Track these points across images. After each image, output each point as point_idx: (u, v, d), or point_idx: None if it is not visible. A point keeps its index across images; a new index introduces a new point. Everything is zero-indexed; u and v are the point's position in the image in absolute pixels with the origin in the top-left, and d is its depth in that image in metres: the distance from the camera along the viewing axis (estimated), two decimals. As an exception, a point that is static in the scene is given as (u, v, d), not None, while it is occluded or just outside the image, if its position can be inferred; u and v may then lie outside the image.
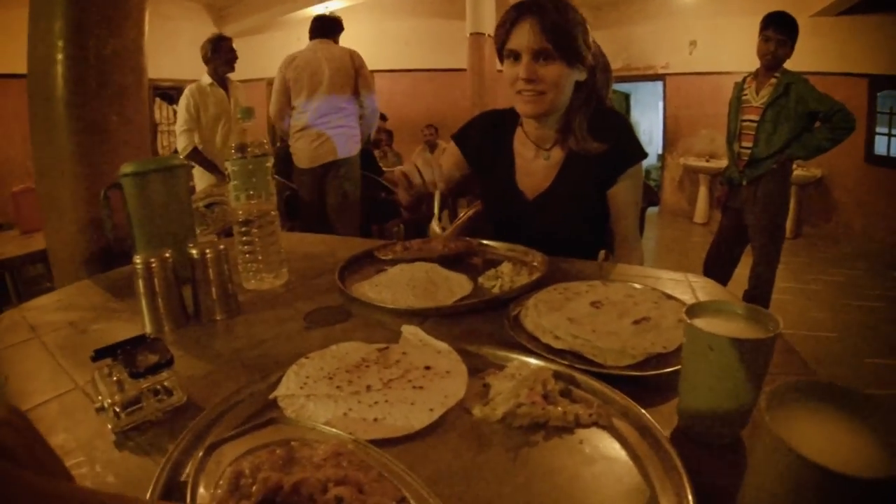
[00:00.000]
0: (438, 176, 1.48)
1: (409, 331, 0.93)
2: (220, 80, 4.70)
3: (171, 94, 8.85)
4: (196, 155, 4.56)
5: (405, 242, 1.55)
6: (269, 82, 10.45)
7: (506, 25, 1.58)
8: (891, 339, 4.06)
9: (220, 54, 4.64)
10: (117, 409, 0.75)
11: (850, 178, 7.42)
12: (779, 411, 0.52)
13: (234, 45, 4.72)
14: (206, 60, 4.68)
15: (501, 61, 1.64)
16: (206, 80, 4.65)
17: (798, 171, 7.03)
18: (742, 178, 3.77)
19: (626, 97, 12.29)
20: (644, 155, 1.68)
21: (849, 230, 7.46)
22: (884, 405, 0.50)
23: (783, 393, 0.53)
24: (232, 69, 4.71)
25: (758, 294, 3.76)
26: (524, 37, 1.53)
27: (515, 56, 1.57)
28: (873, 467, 0.47)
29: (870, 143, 7.26)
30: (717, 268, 4.01)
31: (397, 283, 1.23)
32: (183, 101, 4.59)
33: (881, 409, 0.50)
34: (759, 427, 0.51)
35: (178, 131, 4.63)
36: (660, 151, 9.58)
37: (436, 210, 1.55)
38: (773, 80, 3.56)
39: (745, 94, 3.76)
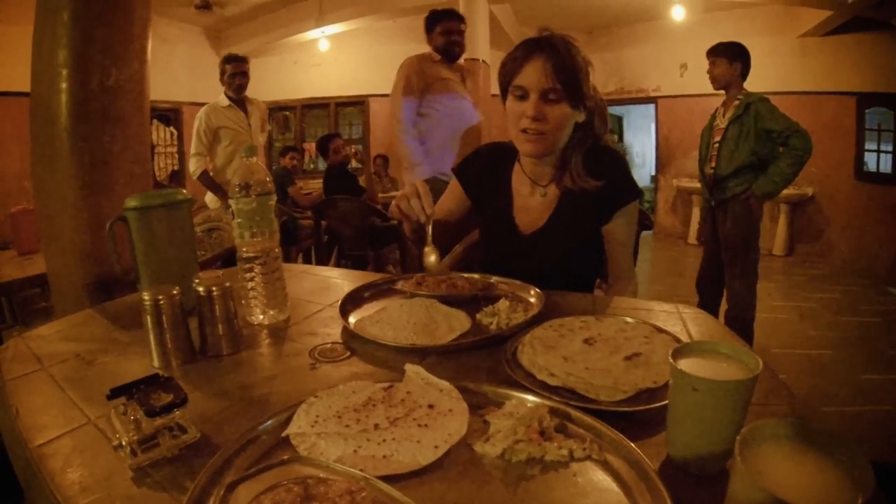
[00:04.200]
0: (427, 203, 1.50)
1: (412, 370, 0.96)
2: (236, 101, 4.66)
3: (168, 115, 8.88)
4: (205, 178, 4.55)
5: (420, 276, 1.55)
6: (269, 106, 10.56)
7: (516, 62, 1.59)
8: (885, 355, 4.11)
9: (224, 77, 4.62)
10: (134, 447, 0.77)
11: (840, 195, 7.49)
12: (752, 451, 0.56)
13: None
14: (220, 81, 4.67)
15: (504, 96, 1.66)
16: (223, 100, 4.63)
17: (790, 190, 7.12)
18: (711, 200, 3.92)
19: (619, 120, 12.39)
20: (640, 193, 1.71)
21: (841, 247, 7.52)
22: (849, 442, 0.54)
23: (756, 433, 0.57)
24: (237, 93, 4.66)
25: (739, 314, 3.84)
26: (535, 75, 1.54)
27: (523, 93, 1.58)
28: (839, 500, 0.51)
29: (859, 160, 7.35)
30: (708, 290, 4.13)
31: (397, 320, 1.25)
32: (195, 123, 4.56)
33: (846, 446, 0.54)
34: (734, 466, 0.55)
35: (190, 154, 4.62)
36: (653, 173, 9.67)
37: (428, 238, 1.55)
38: (736, 102, 3.76)
39: (715, 120, 3.97)
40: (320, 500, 0.63)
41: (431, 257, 1.54)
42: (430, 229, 1.54)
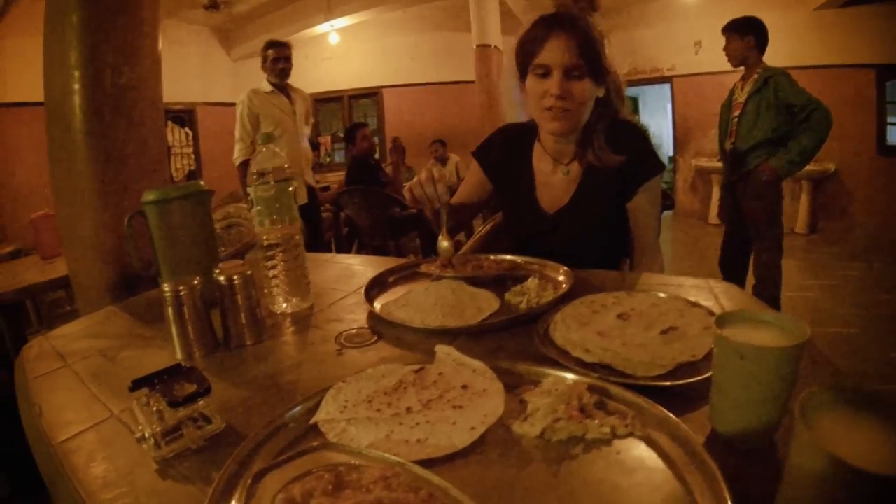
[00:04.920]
0: (441, 191, 1.48)
1: (444, 350, 0.94)
2: (280, 88, 4.55)
3: (182, 117, 8.94)
4: (242, 169, 4.43)
5: (444, 258, 1.52)
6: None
7: (536, 40, 1.56)
8: (914, 332, 4.02)
9: (266, 63, 4.52)
10: (158, 439, 0.75)
11: (863, 171, 7.39)
12: (812, 417, 0.53)
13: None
14: (262, 68, 4.57)
15: (523, 76, 1.63)
16: (266, 86, 4.52)
17: (811, 166, 7.03)
18: (732, 176, 3.89)
19: (634, 101, 12.28)
20: (662, 167, 1.68)
21: (865, 223, 7.42)
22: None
23: (815, 399, 0.54)
24: (280, 79, 4.55)
25: (765, 288, 3.82)
26: (557, 52, 1.52)
27: (545, 71, 1.55)
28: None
29: (881, 134, 7.26)
30: (732, 268, 4.10)
31: (424, 303, 1.23)
32: (238, 108, 4.46)
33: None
34: (795, 433, 0.52)
35: (235, 139, 4.51)
36: (670, 154, 9.58)
37: (443, 225, 1.53)
38: (755, 76, 3.74)
39: (734, 95, 3.95)
40: (353, 487, 0.61)
41: (444, 243, 1.51)
42: (444, 217, 1.53)
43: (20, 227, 4.47)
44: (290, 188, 1.31)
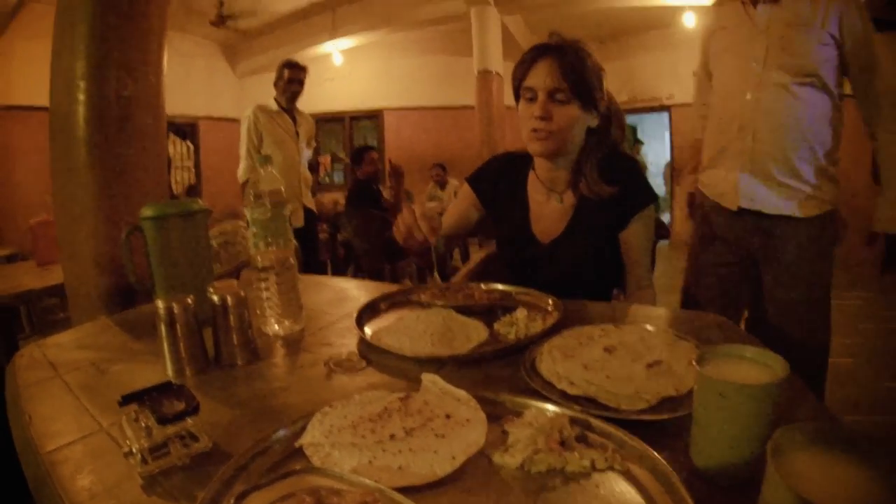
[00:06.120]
0: (427, 230, 1.49)
1: (429, 379, 0.94)
2: (286, 109, 4.53)
3: (184, 130, 8.96)
4: (245, 187, 4.29)
5: (439, 285, 1.55)
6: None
7: (525, 64, 1.62)
8: (909, 363, 4.01)
9: (280, 83, 4.49)
10: (145, 454, 0.76)
11: (858, 199, 7.34)
12: (785, 456, 0.54)
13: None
14: (274, 85, 4.54)
15: (517, 100, 1.68)
16: (272, 104, 4.49)
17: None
18: None
19: (633, 130, 12.34)
20: (655, 197, 1.70)
21: (861, 252, 7.41)
22: (886, 447, 0.52)
23: (789, 438, 0.55)
24: (289, 101, 4.52)
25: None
26: (542, 75, 1.57)
27: (532, 94, 1.60)
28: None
29: (877, 163, 7.26)
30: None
31: (414, 330, 1.24)
32: (243, 123, 4.41)
33: (884, 451, 0.52)
34: (766, 471, 0.53)
35: (240, 155, 4.47)
36: (663, 182, 9.60)
37: (434, 263, 1.56)
38: None
39: None
40: (333, 511, 0.61)
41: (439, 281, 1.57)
42: (434, 258, 1.56)
43: (19, 230, 4.47)
44: (286, 211, 1.33)
